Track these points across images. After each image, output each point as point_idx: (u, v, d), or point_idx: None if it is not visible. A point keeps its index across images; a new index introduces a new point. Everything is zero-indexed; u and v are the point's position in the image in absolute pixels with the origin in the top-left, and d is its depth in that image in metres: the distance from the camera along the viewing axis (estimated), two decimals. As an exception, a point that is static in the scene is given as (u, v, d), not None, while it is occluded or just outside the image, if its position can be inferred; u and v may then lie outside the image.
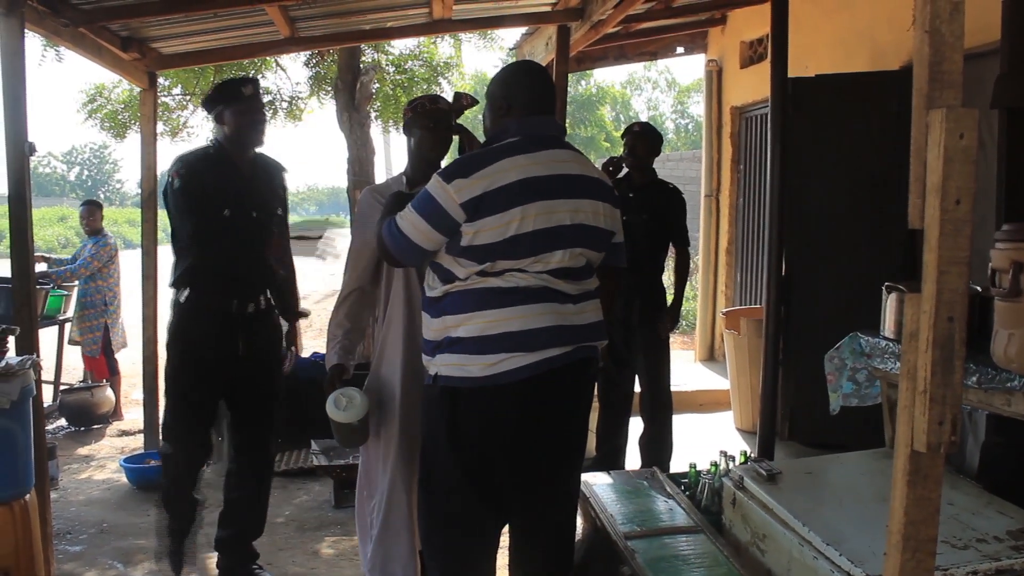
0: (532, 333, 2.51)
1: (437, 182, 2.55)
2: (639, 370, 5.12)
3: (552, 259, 2.56)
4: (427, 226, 2.54)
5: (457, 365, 2.55)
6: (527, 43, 7.57)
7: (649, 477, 3.67)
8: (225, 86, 3.85)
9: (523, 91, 2.72)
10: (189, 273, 3.75)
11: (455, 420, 2.57)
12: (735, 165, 8.09)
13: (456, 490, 2.61)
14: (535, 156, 2.59)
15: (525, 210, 2.51)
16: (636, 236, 5.01)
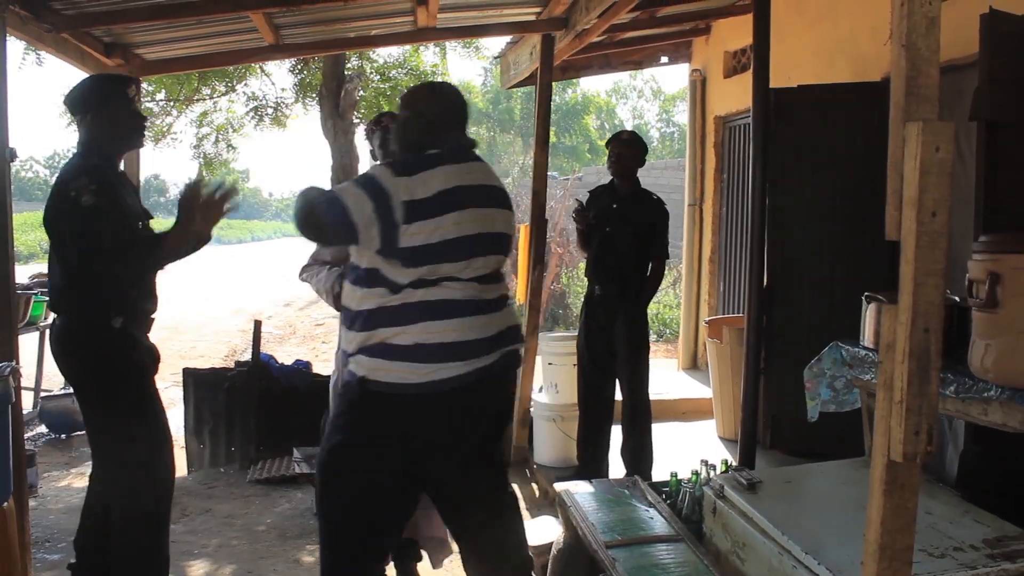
0: (465, 344, 2.68)
1: (385, 172, 2.67)
2: (619, 378, 5.14)
3: (479, 264, 2.75)
4: (371, 206, 2.62)
5: (393, 372, 2.66)
6: (511, 52, 7.59)
7: (630, 486, 3.67)
8: (105, 84, 3.59)
9: (444, 108, 2.93)
10: (121, 295, 3.43)
11: (384, 422, 2.70)
12: (719, 174, 8.11)
13: (371, 490, 2.72)
14: (460, 167, 2.81)
15: (460, 215, 2.70)
16: (620, 246, 5.04)
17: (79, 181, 3.26)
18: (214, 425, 5.92)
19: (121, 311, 3.42)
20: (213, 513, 5.04)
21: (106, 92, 3.49)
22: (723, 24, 7.82)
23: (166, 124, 9.70)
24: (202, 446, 5.95)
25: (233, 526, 4.83)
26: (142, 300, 3.59)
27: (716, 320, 6.80)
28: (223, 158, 10.29)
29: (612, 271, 5.10)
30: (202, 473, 5.85)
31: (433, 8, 5.25)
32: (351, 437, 2.75)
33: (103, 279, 3.35)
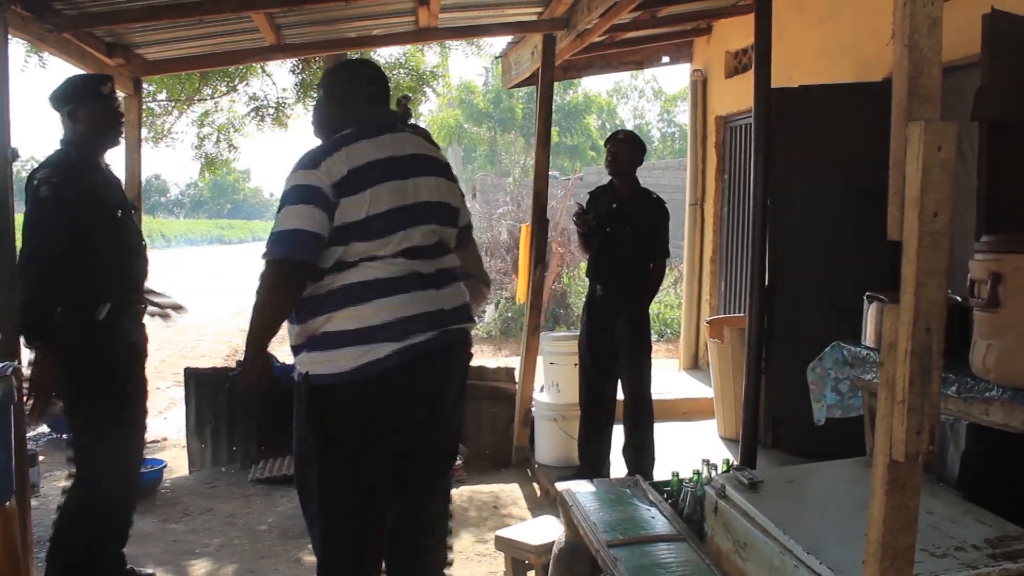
0: (398, 323, 2.64)
1: (301, 173, 2.65)
2: (621, 378, 5.14)
3: (407, 238, 2.70)
4: (313, 209, 2.60)
5: (326, 361, 2.65)
6: (512, 52, 7.59)
7: (632, 485, 3.67)
8: (82, 82, 3.70)
9: (360, 84, 2.91)
10: (103, 286, 3.52)
11: (327, 414, 2.68)
12: (719, 174, 8.12)
13: (336, 482, 2.71)
14: (376, 141, 2.77)
15: (376, 191, 2.65)
16: (621, 246, 5.04)
17: (43, 172, 3.43)
18: (215, 425, 5.93)
19: (105, 300, 3.50)
20: (215, 512, 5.04)
21: (82, 90, 3.62)
22: (724, 24, 7.82)
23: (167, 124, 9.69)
24: (203, 446, 5.95)
25: (235, 525, 4.83)
26: (126, 290, 3.65)
27: (717, 320, 6.80)
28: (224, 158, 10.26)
29: (613, 271, 5.10)
30: (204, 473, 5.85)
31: (435, 8, 5.25)
32: (306, 435, 2.74)
33: (87, 269, 3.44)
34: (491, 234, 14.52)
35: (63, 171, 3.44)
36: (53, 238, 3.37)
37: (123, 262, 3.66)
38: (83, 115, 3.57)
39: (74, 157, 3.54)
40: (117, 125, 3.72)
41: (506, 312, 12.81)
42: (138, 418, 3.74)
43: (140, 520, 4.71)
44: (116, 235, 3.61)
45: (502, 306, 12.94)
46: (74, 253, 3.41)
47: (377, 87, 2.96)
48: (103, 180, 3.66)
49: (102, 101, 3.63)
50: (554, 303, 12.62)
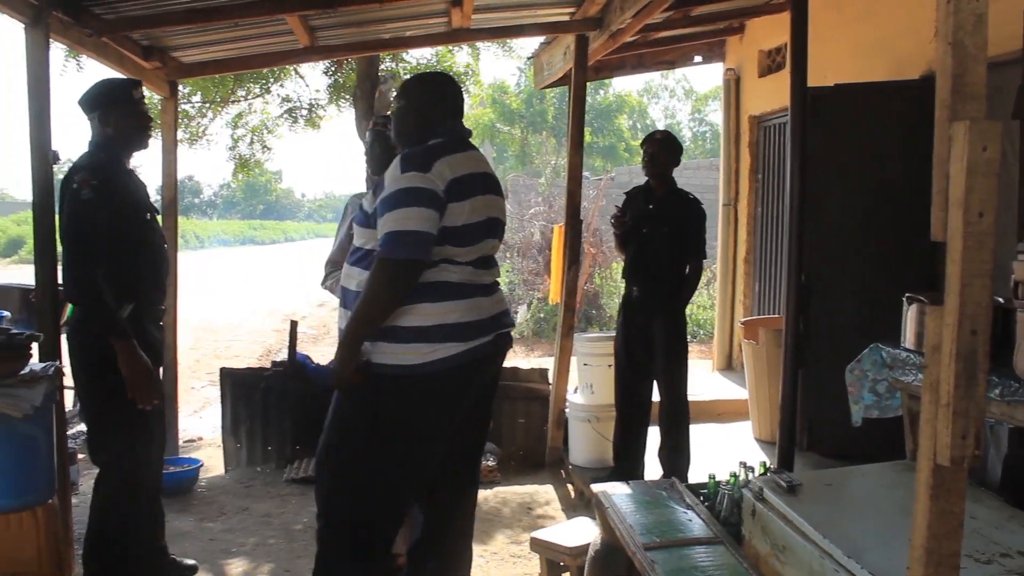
0: (463, 326, 2.77)
1: (416, 176, 2.71)
2: (657, 379, 5.11)
3: (481, 248, 2.87)
4: (432, 212, 2.70)
5: (392, 353, 2.73)
6: (545, 52, 7.58)
7: (668, 487, 3.65)
8: (113, 86, 3.73)
9: (447, 97, 3.02)
10: (128, 286, 3.56)
11: (384, 405, 2.77)
12: (753, 174, 8.06)
13: (382, 470, 2.79)
14: (467, 155, 2.90)
15: (474, 202, 2.80)
16: (656, 247, 5.02)
17: (82, 175, 3.46)
18: (251, 424, 5.97)
19: (129, 300, 3.54)
20: (250, 512, 5.07)
21: (113, 94, 3.66)
22: (757, 23, 7.77)
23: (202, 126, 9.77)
24: (239, 445, 5.99)
25: (270, 525, 4.86)
26: (150, 291, 3.72)
27: (752, 321, 6.75)
28: (257, 159, 10.34)
29: (649, 272, 5.08)
30: (239, 472, 5.89)
31: (468, 9, 5.25)
32: (367, 425, 2.79)
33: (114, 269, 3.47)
34: (523, 234, 14.51)
35: (100, 173, 3.49)
36: (99, 240, 3.41)
37: (149, 263, 3.71)
38: (113, 119, 3.62)
39: (104, 159, 3.59)
40: (146, 129, 3.77)
41: (538, 313, 12.79)
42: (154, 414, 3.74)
43: (177, 518, 4.77)
44: (145, 237, 3.67)
45: (534, 307, 12.92)
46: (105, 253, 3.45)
47: (457, 102, 3.06)
48: (133, 182, 3.72)
49: (132, 105, 3.69)
50: (586, 304, 12.59)
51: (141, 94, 3.76)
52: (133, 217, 3.60)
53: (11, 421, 3.14)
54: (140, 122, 3.71)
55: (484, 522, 4.92)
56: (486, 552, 4.50)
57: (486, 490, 5.45)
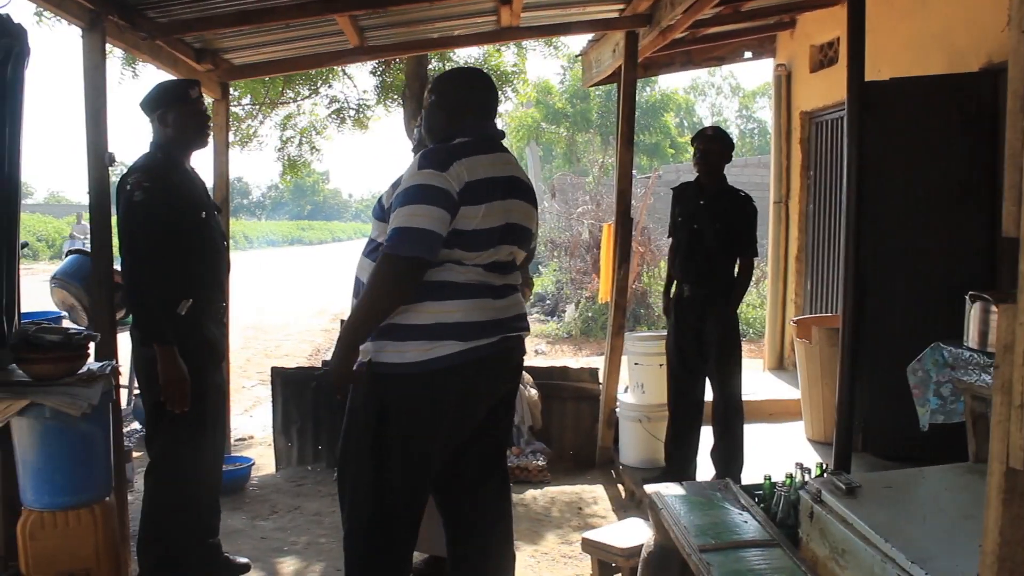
0: (466, 325, 2.73)
1: (432, 173, 2.68)
2: (711, 379, 5.06)
3: (494, 254, 2.80)
4: (443, 212, 2.66)
5: (394, 351, 2.72)
6: (593, 50, 7.54)
7: (722, 488, 3.60)
8: (171, 87, 3.79)
9: (478, 95, 2.95)
10: (188, 283, 3.61)
11: (387, 403, 2.75)
12: (805, 171, 7.94)
13: (389, 469, 2.77)
14: (490, 157, 2.84)
15: (489, 207, 2.74)
16: (708, 245, 4.96)
17: (135, 176, 3.52)
18: (301, 423, 6.00)
19: (188, 297, 3.58)
20: (302, 511, 5.10)
21: (171, 95, 3.72)
22: (809, 17, 7.65)
23: (252, 128, 9.86)
24: (290, 444, 6.03)
25: (321, 524, 4.88)
26: (208, 288, 3.74)
27: (804, 320, 6.65)
28: (306, 160, 10.41)
29: (700, 270, 5.02)
30: (290, 471, 5.93)
31: (517, 7, 5.23)
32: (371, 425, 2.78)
33: (172, 267, 3.51)
34: (570, 234, 14.47)
35: (153, 175, 3.53)
36: (153, 241, 3.45)
37: (207, 261, 3.74)
38: (172, 119, 3.67)
39: (161, 160, 3.63)
40: (204, 128, 3.82)
41: (586, 312, 12.75)
42: (209, 412, 3.76)
43: (229, 516, 4.81)
44: (201, 235, 3.70)
45: (582, 306, 12.88)
46: (162, 252, 3.49)
47: (490, 101, 3.01)
48: (190, 182, 3.76)
49: (190, 105, 3.73)
50: (635, 302, 12.51)
51: (199, 93, 3.82)
52: (188, 216, 3.63)
53: (70, 419, 3.18)
54: (198, 121, 3.75)
55: (534, 522, 4.91)
56: (537, 552, 4.48)
57: (536, 490, 5.43)
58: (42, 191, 65.35)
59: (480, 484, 3.08)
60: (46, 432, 3.21)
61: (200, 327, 3.66)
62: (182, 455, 3.62)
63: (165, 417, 3.56)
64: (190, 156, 3.83)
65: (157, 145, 3.70)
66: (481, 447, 3.04)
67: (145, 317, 3.48)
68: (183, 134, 3.71)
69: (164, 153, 3.67)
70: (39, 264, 26.60)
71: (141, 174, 3.52)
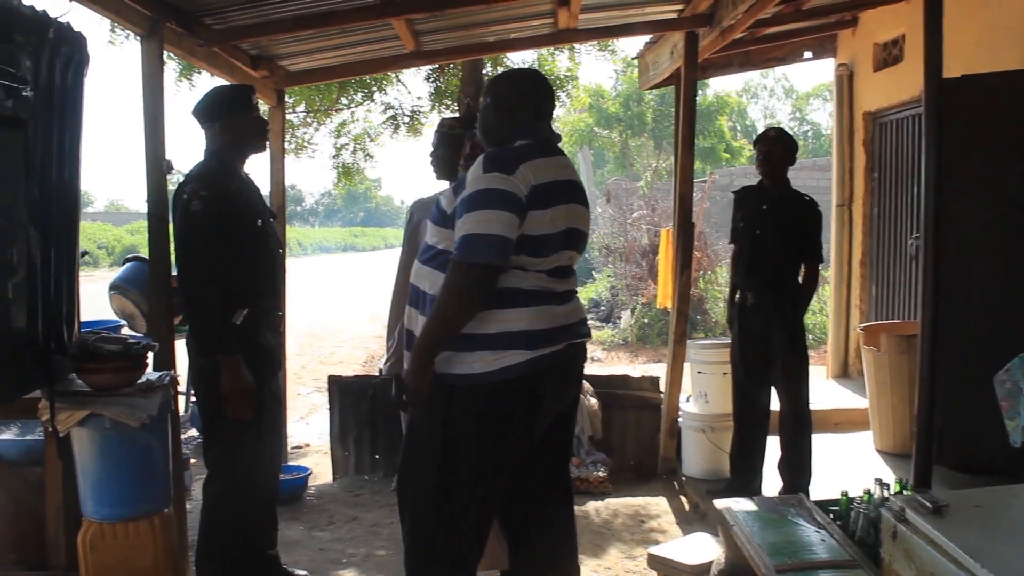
0: (531, 334, 2.64)
1: (499, 177, 2.59)
2: (777, 388, 4.92)
3: (557, 259, 2.73)
4: (513, 217, 2.57)
5: (458, 362, 2.63)
6: (650, 52, 7.41)
7: (796, 504, 3.46)
8: (229, 93, 3.73)
9: (535, 97, 2.86)
10: (244, 292, 3.53)
11: (452, 415, 2.66)
12: (869, 173, 7.72)
13: (454, 483, 2.68)
14: (552, 160, 2.75)
15: (555, 211, 2.67)
16: (772, 251, 4.82)
17: (193, 185, 3.45)
18: (358, 432, 5.95)
19: (243, 306, 3.50)
20: (359, 521, 5.04)
21: (228, 101, 3.65)
22: (872, 15, 7.43)
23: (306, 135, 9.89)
24: (347, 453, 5.99)
25: (379, 535, 4.81)
26: (265, 297, 3.67)
27: (872, 327, 6.45)
28: (360, 167, 10.42)
29: (764, 278, 4.88)
30: (347, 480, 5.89)
31: (575, 9, 5.14)
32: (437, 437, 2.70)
33: (227, 276, 3.45)
34: (625, 239, 14.32)
35: (210, 183, 3.48)
36: (212, 250, 3.40)
37: (263, 269, 3.68)
38: (229, 124, 3.60)
39: (216, 168, 3.58)
40: (261, 134, 3.76)
41: (642, 318, 12.58)
42: (266, 422, 3.69)
43: (287, 527, 4.76)
44: (258, 243, 3.64)
45: (638, 312, 12.71)
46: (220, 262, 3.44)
47: (547, 102, 2.92)
48: (245, 189, 3.70)
49: (247, 111, 3.67)
50: (691, 308, 12.31)
51: (256, 99, 3.76)
52: (245, 224, 3.57)
53: (129, 430, 3.14)
54: (255, 127, 3.69)
55: (596, 535, 4.80)
56: (600, 568, 4.36)
57: (596, 502, 5.32)
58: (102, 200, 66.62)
59: (543, 498, 2.99)
60: (105, 443, 3.18)
61: (256, 335, 3.60)
62: (240, 466, 3.56)
63: (222, 428, 3.50)
64: (245, 163, 3.77)
65: (212, 152, 3.63)
66: (544, 459, 2.95)
67: (206, 328, 3.43)
68: (240, 141, 3.65)
69: (219, 160, 3.60)
70: (99, 271, 27.05)
71: (198, 183, 3.47)
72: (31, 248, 2.93)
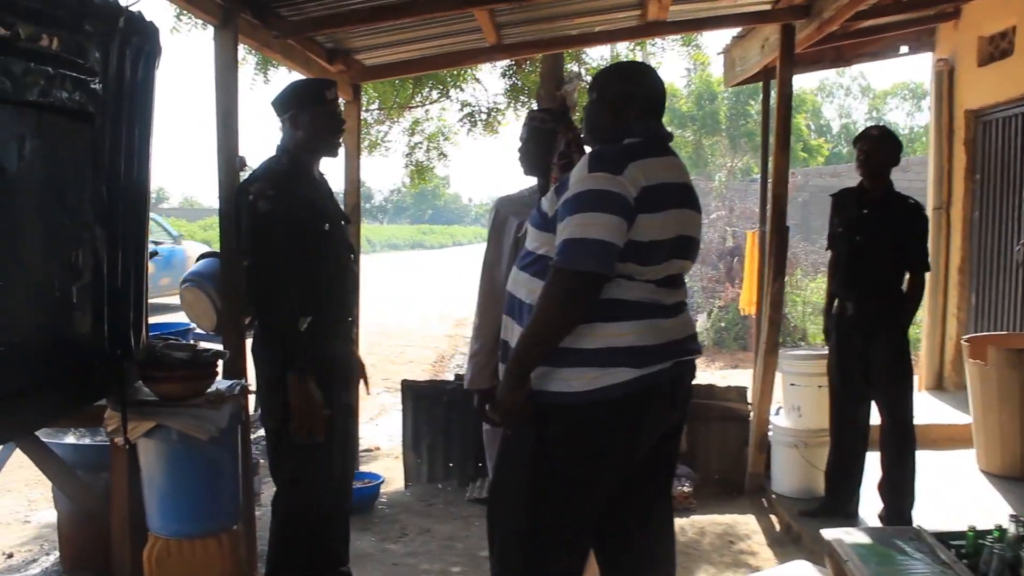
0: (637, 350, 2.42)
1: (606, 177, 2.35)
2: (878, 403, 4.61)
3: (667, 268, 2.50)
4: (620, 221, 2.34)
5: (557, 379, 2.42)
6: (737, 47, 7.09)
7: (913, 537, 3.15)
8: (306, 86, 3.52)
9: (645, 90, 2.64)
10: (308, 300, 3.26)
11: (548, 436, 2.45)
12: (970, 175, 7.31)
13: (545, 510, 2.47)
14: (664, 160, 2.51)
15: (667, 216, 2.44)
16: (874, 258, 4.52)
17: (259, 184, 3.25)
18: (432, 439, 5.76)
19: (306, 314, 3.23)
20: (433, 534, 4.84)
21: (306, 94, 3.43)
22: (976, 6, 7.00)
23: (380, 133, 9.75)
24: (419, 460, 5.80)
25: (454, 550, 4.61)
26: (332, 305, 3.44)
27: (978, 338, 6.04)
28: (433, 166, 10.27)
29: (864, 287, 4.57)
30: (420, 488, 5.70)
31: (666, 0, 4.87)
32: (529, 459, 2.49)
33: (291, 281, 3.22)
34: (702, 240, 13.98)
35: (276, 182, 3.26)
36: (281, 256, 3.19)
37: (330, 277, 3.43)
38: (305, 120, 3.37)
39: (285, 166, 3.36)
40: (338, 132, 3.51)
41: (719, 322, 12.20)
42: (336, 435, 3.45)
43: (359, 537, 4.59)
44: (324, 249, 3.40)
45: (715, 316, 12.34)
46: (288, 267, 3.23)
47: (658, 96, 2.69)
48: (315, 191, 3.48)
49: (325, 106, 3.44)
50: (768, 313, 11.95)
51: (335, 95, 3.52)
52: (311, 229, 3.34)
53: (197, 444, 2.96)
54: (331, 124, 3.45)
55: (682, 555, 4.51)
56: (688, 591, 4.10)
57: (681, 518, 5.03)
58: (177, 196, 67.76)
59: (641, 527, 2.74)
60: (173, 456, 3.00)
61: (322, 345, 3.35)
62: (310, 483, 3.35)
63: (291, 444, 3.29)
64: (319, 161, 3.55)
65: (284, 149, 3.41)
66: (643, 485, 2.70)
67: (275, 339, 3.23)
68: (315, 138, 3.41)
69: (290, 158, 3.39)
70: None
71: (264, 182, 3.26)
72: (98, 249, 2.78)
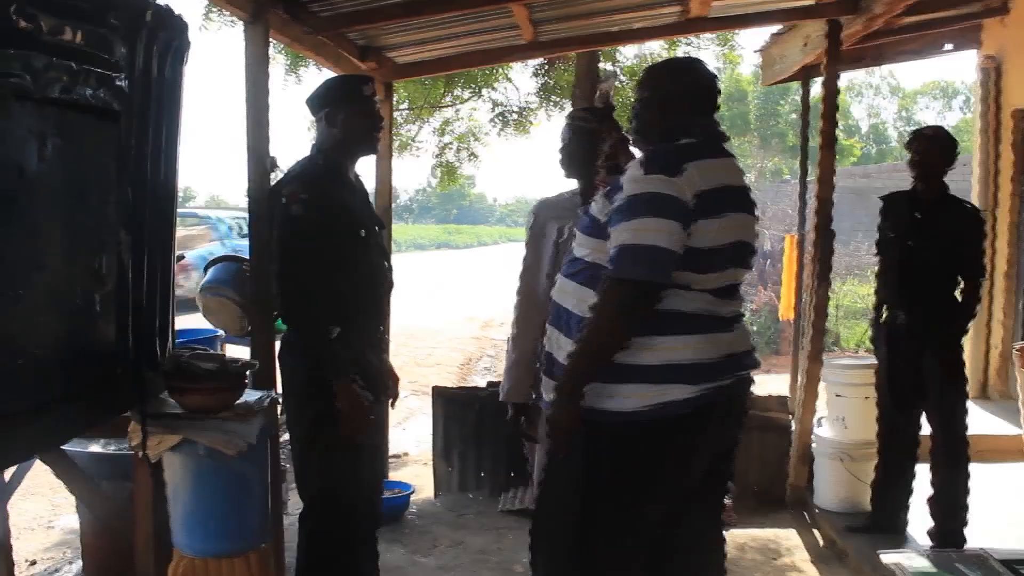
0: (695, 366, 2.30)
1: (661, 179, 2.21)
2: (929, 415, 4.43)
3: (723, 277, 2.37)
4: (678, 226, 2.20)
5: (608, 396, 2.29)
6: (776, 45, 6.92)
7: (979, 562, 2.97)
8: (342, 83, 3.39)
9: (698, 88, 2.51)
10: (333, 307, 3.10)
11: (598, 456, 2.34)
12: (1017, 176, 7.08)
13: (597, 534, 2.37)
14: (721, 162, 2.40)
15: (725, 221, 2.31)
16: (927, 265, 4.33)
17: (292, 187, 3.11)
18: (463, 448, 5.61)
19: (336, 323, 3.08)
20: (465, 547, 4.69)
21: (342, 92, 3.28)
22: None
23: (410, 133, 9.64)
24: (450, 469, 5.65)
25: (487, 563, 4.47)
26: (366, 314, 3.29)
27: (1029, 346, 5.84)
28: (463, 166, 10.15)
29: (916, 295, 4.38)
30: (451, 498, 5.55)
31: (711, -7, 4.71)
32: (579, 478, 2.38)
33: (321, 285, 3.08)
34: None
35: (311, 186, 3.11)
36: (314, 262, 3.05)
37: (362, 284, 3.27)
38: (341, 119, 3.21)
39: (320, 168, 3.21)
40: (375, 131, 3.34)
41: (751, 326, 12.00)
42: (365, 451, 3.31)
43: (388, 549, 4.46)
44: (356, 255, 3.24)
45: (747, 319, 12.15)
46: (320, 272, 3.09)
47: (712, 93, 2.54)
48: (350, 194, 3.32)
49: (362, 104, 3.27)
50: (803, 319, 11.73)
51: (372, 91, 3.34)
52: (347, 233, 3.19)
53: (225, 459, 2.81)
54: (369, 121, 3.28)
55: (724, 572, 4.36)
56: (732, 610, 3.93)
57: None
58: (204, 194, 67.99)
59: (692, 551, 2.60)
60: (199, 471, 2.85)
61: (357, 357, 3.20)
62: (338, 498, 3.19)
63: (317, 457, 3.16)
64: (355, 162, 3.40)
65: (319, 148, 3.26)
66: (695, 507, 2.56)
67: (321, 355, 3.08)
68: (351, 137, 3.25)
69: (326, 158, 3.23)
70: (199, 265, 27.48)
71: (298, 184, 3.11)
72: (122, 254, 2.64)
